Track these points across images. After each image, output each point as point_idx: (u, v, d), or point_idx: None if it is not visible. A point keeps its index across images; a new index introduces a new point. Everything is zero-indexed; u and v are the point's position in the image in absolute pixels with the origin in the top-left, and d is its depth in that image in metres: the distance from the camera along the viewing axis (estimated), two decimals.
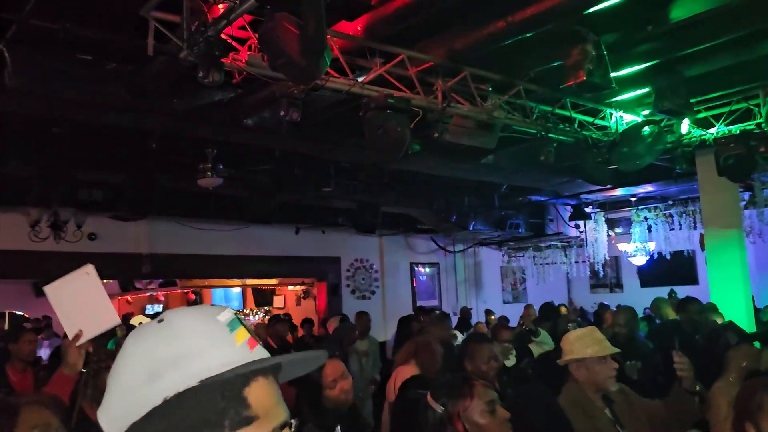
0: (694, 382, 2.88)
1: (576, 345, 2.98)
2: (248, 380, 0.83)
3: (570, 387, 2.99)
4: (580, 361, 2.93)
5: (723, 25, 5.07)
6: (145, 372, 0.82)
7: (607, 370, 2.90)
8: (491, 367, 3.71)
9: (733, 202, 7.70)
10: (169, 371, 0.81)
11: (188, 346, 0.83)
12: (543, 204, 11.44)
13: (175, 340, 0.83)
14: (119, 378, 0.85)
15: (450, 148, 6.32)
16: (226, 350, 0.84)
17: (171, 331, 0.85)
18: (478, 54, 5.17)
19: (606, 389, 2.92)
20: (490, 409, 2.16)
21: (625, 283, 14.35)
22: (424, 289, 13.27)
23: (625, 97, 6.41)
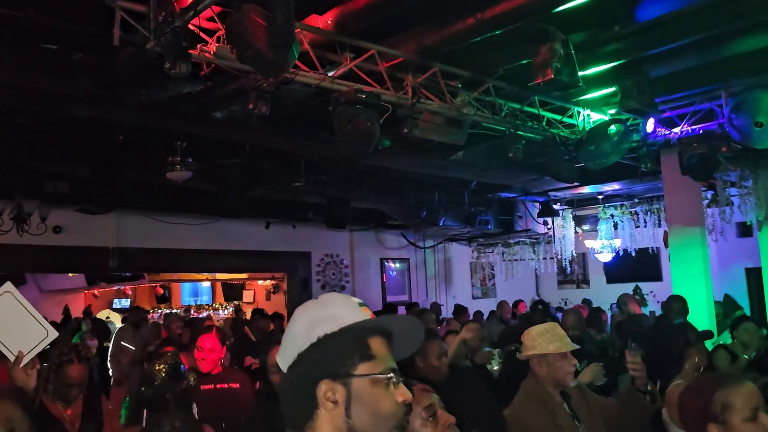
0: (646, 381, 2.94)
1: (538, 340, 3.02)
2: (370, 333, 1.29)
3: (530, 382, 3.04)
4: (542, 356, 2.97)
5: (687, 27, 5.16)
6: (309, 324, 1.29)
7: (567, 366, 2.95)
8: (442, 363, 3.69)
9: (696, 201, 7.85)
10: (322, 323, 1.28)
11: (335, 310, 1.30)
12: (512, 201, 11.55)
13: (327, 307, 1.32)
14: (291, 331, 1.32)
15: (420, 144, 6.36)
16: (357, 314, 1.31)
17: (325, 302, 1.35)
18: (448, 50, 5.20)
19: (565, 384, 2.97)
20: (429, 415, 1.92)
21: (591, 279, 14.58)
22: (395, 284, 13.33)
23: (592, 95, 6.51)
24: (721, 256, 10.95)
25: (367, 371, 1.25)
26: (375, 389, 1.24)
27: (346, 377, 1.24)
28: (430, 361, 3.70)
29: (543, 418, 2.83)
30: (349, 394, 1.23)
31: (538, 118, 6.56)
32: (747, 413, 1.94)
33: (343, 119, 4.75)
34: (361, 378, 1.24)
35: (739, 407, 1.95)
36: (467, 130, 5.89)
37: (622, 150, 6.57)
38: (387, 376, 1.26)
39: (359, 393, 1.23)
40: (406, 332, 1.35)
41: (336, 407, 1.22)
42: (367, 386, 1.24)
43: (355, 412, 1.23)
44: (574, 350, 3.08)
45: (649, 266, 12.70)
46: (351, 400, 1.23)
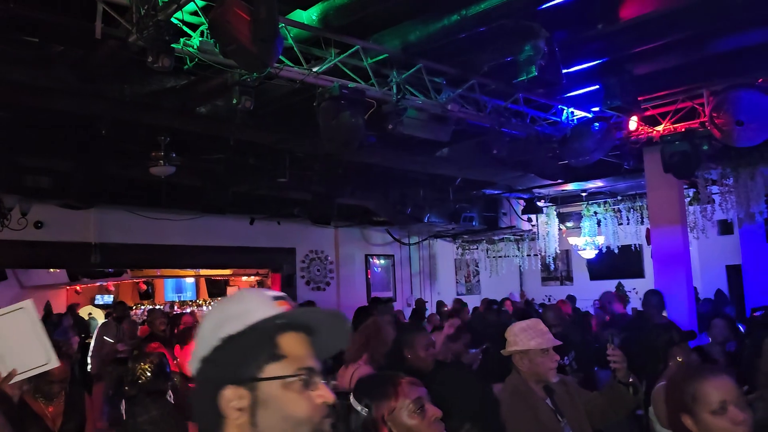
0: (627, 373, 2.97)
1: (520, 336, 3.04)
2: (281, 330, 1.16)
3: (512, 377, 3.06)
4: (524, 352, 3.00)
5: (669, 26, 5.21)
6: (213, 324, 1.17)
7: (548, 361, 2.97)
8: (429, 354, 3.81)
9: (678, 199, 7.92)
10: (228, 322, 1.15)
11: (244, 307, 1.18)
12: (496, 198, 11.60)
13: (236, 304, 1.20)
14: (199, 332, 1.20)
15: (405, 141, 6.36)
16: (267, 310, 1.17)
17: (236, 299, 1.24)
18: (432, 47, 5.20)
19: (547, 380, 3.00)
20: (417, 408, 1.97)
21: (575, 276, 14.70)
22: (379, 281, 13.33)
23: (576, 93, 6.54)
24: (703, 253, 11.07)
25: (276, 373, 1.12)
26: (286, 392, 1.12)
27: (252, 381, 1.11)
28: (418, 353, 3.81)
29: (524, 414, 2.85)
30: (256, 399, 1.11)
31: (522, 115, 6.60)
32: (715, 406, 1.95)
33: (327, 115, 4.74)
34: (269, 381, 1.11)
35: (707, 400, 1.96)
36: (452, 126, 5.90)
37: (605, 148, 6.62)
38: (300, 377, 1.13)
39: (267, 398, 1.11)
40: (329, 327, 1.23)
41: (242, 415, 1.10)
42: (277, 390, 1.11)
43: (263, 419, 1.11)
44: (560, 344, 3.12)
45: (631, 263, 12.82)
46: (257, 407, 1.11)
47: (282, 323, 1.16)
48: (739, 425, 1.92)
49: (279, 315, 1.16)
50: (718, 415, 1.95)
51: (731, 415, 1.94)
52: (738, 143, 6.17)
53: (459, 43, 5.12)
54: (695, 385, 2.01)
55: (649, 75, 6.13)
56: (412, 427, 1.97)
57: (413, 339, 3.91)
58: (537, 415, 2.87)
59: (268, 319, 1.15)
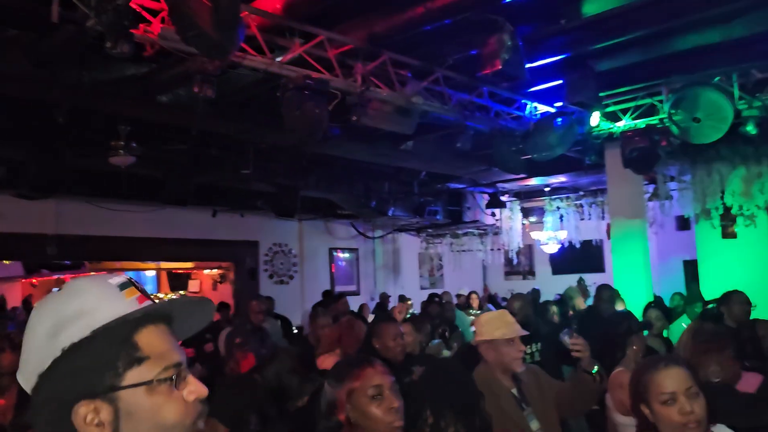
0: (591, 362, 3.01)
1: (486, 327, 3.09)
2: (137, 327, 0.99)
3: (480, 367, 3.09)
4: (490, 342, 3.03)
5: (630, 23, 5.30)
6: (48, 330, 0.97)
7: (513, 351, 3.00)
8: (398, 343, 3.82)
9: (637, 194, 8.07)
10: (67, 327, 0.96)
11: (82, 305, 0.98)
12: (461, 192, 11.67)
13: (71, 301, 0.99)
14: (28, 339, 1.00)
15: (370, 133, 6.34)
16: (116, 305, 0.98)
17: (68, 294, 1.01)
18: (398, 39, 5.20)
19: (512, 370, 3.02)
20: (375, 394, 1.95)
21: (537, 271, 14.87)
22: (343, 274, 13.30)
23: (539, 87, 6.61)
24: (661, 248, 11.30)
25: (140, 378, 0.96)
26: (153, 397, 0.97)
27: (111, 391, 0.95)
28: (386, 343, 3.83)
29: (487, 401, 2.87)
30: (117, 411, 0.95)
31: (486, 109, 6.63)
32: (665, 397, 2.00)
33: (291, 105, 4.70)
34: (132, 389, 0.96)
35: (657, 390, 2.01)
36: (416, 119, 5.90)
37: (567, 143, 6.70)
38: (168, 377, 0.98)
39: (131, 408, 0.96)
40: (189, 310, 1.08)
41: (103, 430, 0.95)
42: (142, 396, 0.96)
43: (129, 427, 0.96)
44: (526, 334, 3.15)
45: (592, 258, 13.01)
46: (121, 420, 0.95)
47: (138, 318, 0.98)
48: (686, 415, 1.95)
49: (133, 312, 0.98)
50: (667, 406, 1.99)
51: (680, 406, 1.97)
52: (695, 140, 6.30)
53: (424, 36, 5.14)
54: (648, 376, 2.06)
55: (610, 71, 6.22)
56: (367, 413, 1.96)
57: (381, 329, 3.93)
58: (499, 404, 2.89)
59: (121, 318, 0.97)
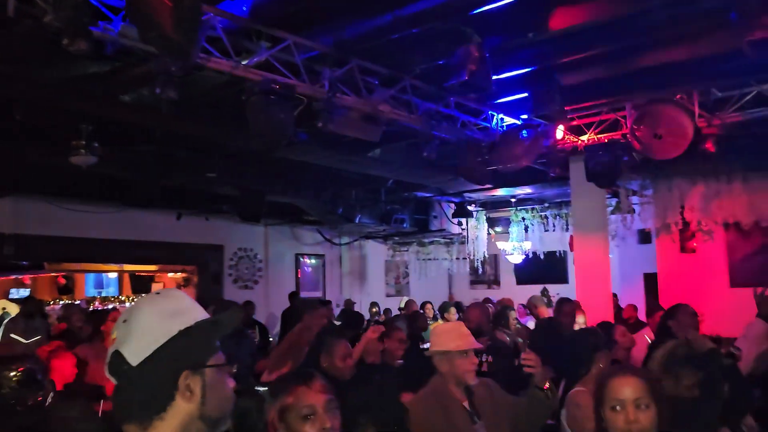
0: (544, 377, 3.01)
1: (440, 338, 3.07)
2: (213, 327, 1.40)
3: (435, 379, 3.08)
4: (444, 353, 3.01)
5: (596, 38, 5.36)
6: (160, 317, 1.35)
7: (467, 363, 3.00)
8: (347, 365, 3.80)
9: (600, 207, 8.17)
10: (176, 317, 1.35)
11: (184, 305, 1.40)
12: (428, 200, 11.69)
13: (175, 300, 1.40)
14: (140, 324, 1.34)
15: (338, 140, 6.32)
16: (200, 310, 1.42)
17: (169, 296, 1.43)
18: (365, 45, 5.19)
19: (465, 382, 3.01)
20: (308, 414, 1.92)
21: (502, 280, 14.97)
22: (309, 281, 13.23)
23: (506, 99, 6.66)
24: (623, 261, 11.47)
25: (216, 362, 1.38)
26: (220, 378, 1.39)
27: (203, 368, 1.35)
28: (334, 362, 3.81)
29: (435, 414, 2.86)
30: (204, 383, 1.34)
31: (453, 119, 6.67)
32: (613, 403, 2.06)
33: (256, 109, 4.65)
34: (213, 368, 1.37)
35: (609, 396, 2.08)
36: (383, 127, 5.90)
37: (532, 155, 6.76)
38: (228, 365, 1.41)
39: (211, 382, 1.35)
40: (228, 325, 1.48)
41: (193, 396, 1.32)
42: (216, 375, 1.37)
43: (209, 399, 1.34)
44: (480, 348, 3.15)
45: (556, 269, 13.16)
46: (206, 389, 1.34)
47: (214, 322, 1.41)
48: (629, 424, 2.01)
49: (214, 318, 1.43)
50: (615, 412, 2.05)
51: (626, 414, 2.02)
52: (656, 156, 6.41)
53: (392, 44, 5.13)
54: (605, 381, 2.12)
55: (575, 86, 6.27)
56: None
57: (331, 347, 3.89)
58: (450, 416, 2.88)
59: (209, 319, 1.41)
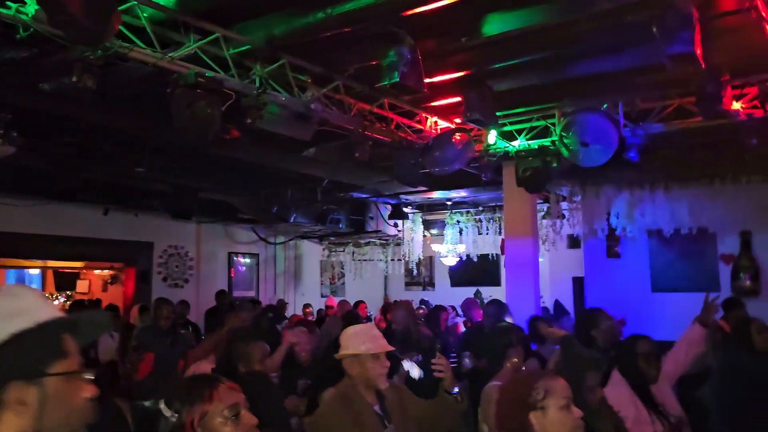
0: (453, 382, 3.02)
1: (352, 341, 3.01)
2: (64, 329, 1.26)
3: (344, 382, 3.03)
4: (354, 356, 2.96)
5: (528, 46, 5.44)
6: None
7: (378, 367, 2.95)
8: (266, 366, 3.85)
9: (531, 212, 8.32)
10: (12, 319, 1.19)
11: (25, 304, 1.24)
12: (364, 201, 11.68)
13: (15, 299, 1.25)
14: None
15: (272, 138, 6.21)
16: (48, 309, 1.27)
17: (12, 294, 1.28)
18: (298, 42, 5.11)
19: (376, 386, 2.97)
20: (232, 414, 1.91)
21: (436, 282, 15.13)
22: (242, 280, 13.02)
23: (440, 103, 6.70)
24: (553, 265, 11.74)
25: (63, 369, 1.22)
26: (68, 387, 1.23)
27: (41, 376, 1.19)
28: (252, 367, 3.78)
29: (345, 419, 2.83)
30: (44, 394, 1.18)
31: (387, 120, 6.66)
32: (563, 402, 2.10)
33: (181, 103, 4.52)
34: (56, 377, 1.21)
35: (558, 395, 2.11)
36: (314, 126, 5.83)
37: (465, 159, 6.82)
38: (80, 373, 1.25)
39: (53, 392, 1.20)
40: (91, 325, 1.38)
41: (26, 409, 1.17)
42: (62, 384, 1.21)
43: (48, 411, 1.19)
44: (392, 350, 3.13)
45: (489, 272, 13.38)
46: (45, 401, 1.18)
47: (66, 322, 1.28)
48: (578, 420, 2.11)
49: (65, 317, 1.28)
50: (565, 410, 2.10)
51: (574, 411, 2.11)
52: (583, 163, 6.56)
53: (325, 42, 5.07)
54: (546, 383, 2.14)
55: (507, 92, 6.37)
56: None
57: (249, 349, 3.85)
58: (360, 420, 2.84)
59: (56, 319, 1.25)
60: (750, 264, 8.86)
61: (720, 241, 9.13)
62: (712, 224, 8.79)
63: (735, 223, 8.64)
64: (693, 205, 8.74)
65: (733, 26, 4.75)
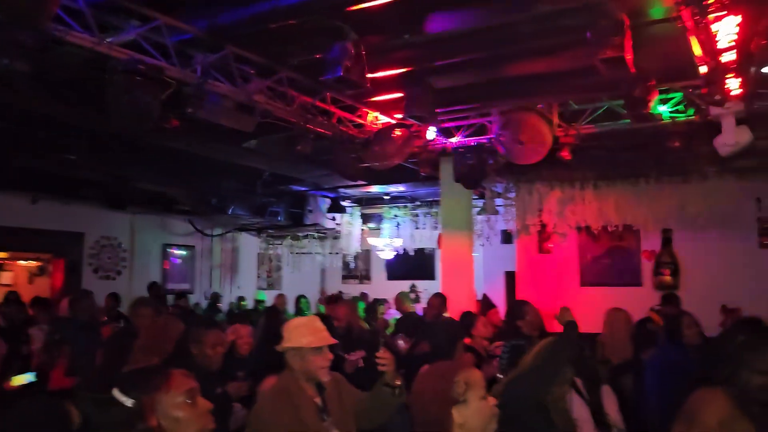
0: (395, 376, 3.07)
1: (293, 333, 3.02)
2: None
3: (285, 374, 3.04)
4: (296, 349, 2.98)
5: (468, 45, 5.59)
6: None
7: (320, 360, 2.97)
8: (216, 352, 3.84)
9: (467, 207, 8.53)
10: None
11: None
12: (303, 194, 11.68)
13: None
14: None
15: (213, 128, 6.15)
16: None
17: None
18: (241, 33, 5.09)
19: (318, 378, 3.00)
20: (188, 399, 1.99)
21: (373, 276, 15.27)
22: (177, 272, 12.79)
23: (381, 98, 6.78)
24: (487, 259, 12.05)
25: None
26: None
27: None
28: (204, 350, 3.82)
29: (285, 411, 2.85)
30: None
31: (329, 114, 6.70)
32: (482, 392, 2.20)
33: (118, 89, 4.44)
34: None
35: (478, 386, 2.21)
36: (257, 117, 5.82)
37: (404, 154, 6.94)
38: None
39: None
40: None
41: None
42: None
43: None
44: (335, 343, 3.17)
45: (425, 266, 13.63)
46: None
47: None
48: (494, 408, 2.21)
49: None
50: (483, 400, 2.19)
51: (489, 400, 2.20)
52: (518, 161, 6.79)
53: (269, 33, 5.07)
54: (466, 375, 2.21)
55: (447, 89, 6.50)
56: (181, 419, 1.97)
57: (202, 335, 3.88)
58: (300, 413, 2.87)
59: None
60: (670, 260, 9.37)
61: (643, 237, 9.61)
62: (636, 222, 9.24)
63: (657, 220, 9.10)
64: (619, 203, 9.16)
65: (661, 35, 5.01)
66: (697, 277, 9.06)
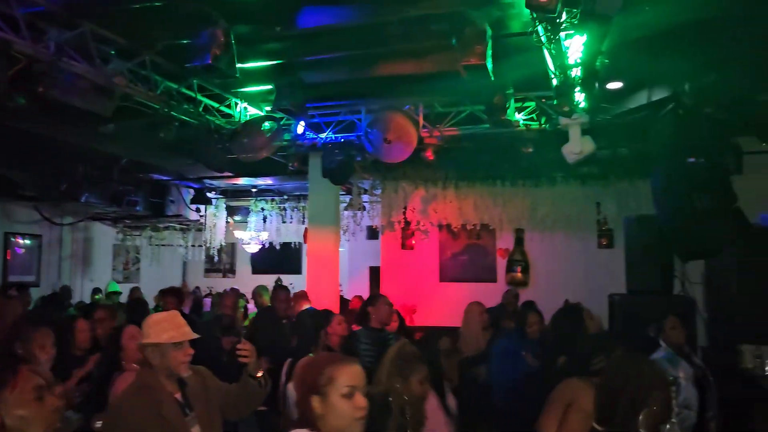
0: (257, 366, 3.09)
1: (153, 329, 2.93)
2: None
3: (143, 371, 2.97)
4: (155, 345, 2.90)
5: (339, 42, 5.65)
6: None
7: (181, 355, 2.91)
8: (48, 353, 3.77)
9: (334, 203, 8.61)
10: None
11: None
12: (165, 184, 11.20)
13: None
14: None
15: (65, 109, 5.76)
16: None
17: None
18: (102, 11, 4.83)
19: (179, 374, 2.94)
20: (35, 396, 1.92)
21: (238, 269, 15.01)
22: (20, 263, 11.80)
23: (250, 89, 6.68)
24: (352, 254, 12.24)
25: None
26: None
27: None
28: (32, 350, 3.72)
29: (145, 409, 2.77)
30: None
31: (194, 102, 6.51)
32: (345, 390, 2.15)
33: None
34: None
35: (340, 383, 2.16)
36: (117, 101, 5.53)
37: (272, 147, 6.89)
38: None
39: None
40: None
41: None
42: None
43: None
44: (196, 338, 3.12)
45: (291, 259, 13.60)
46: None
47: None
48: (360, 410, 2.15)
49: None
50: (345, 399, 2.15)
51: (357, 400, 2.16)
52: (385, 159, 6.96)
53: (133, 14, 4.84)
54: (332, 369, 2.18)
55: (318, 84, 6.52)
56: (26, 416, 1.91)
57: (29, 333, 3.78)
58: (161, 410, 2.80)
59: None
60: (522, 258, 10.02)
61: (499, 237, 10.20)
62: (492, 221, 9.78)
63: (511, 220, 9.71)
64: (477, 203, 9.66)
65: (519, 46, 5.34)
66: (544, 274, 9.77)
